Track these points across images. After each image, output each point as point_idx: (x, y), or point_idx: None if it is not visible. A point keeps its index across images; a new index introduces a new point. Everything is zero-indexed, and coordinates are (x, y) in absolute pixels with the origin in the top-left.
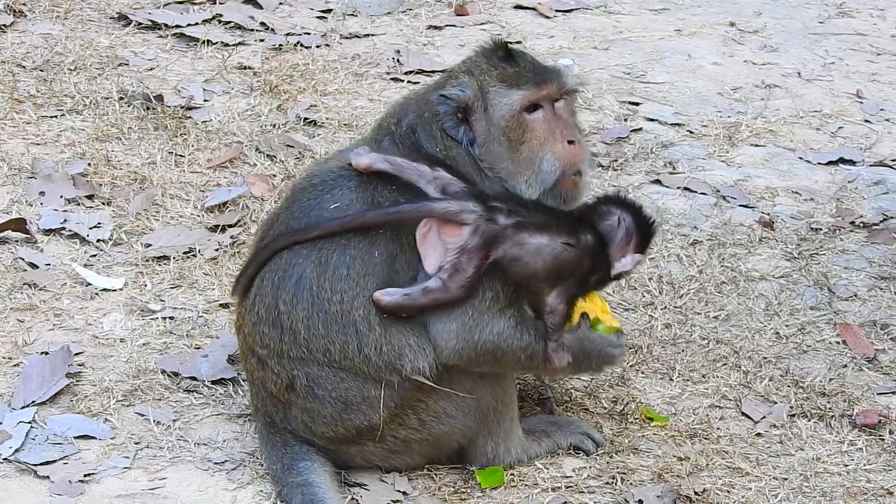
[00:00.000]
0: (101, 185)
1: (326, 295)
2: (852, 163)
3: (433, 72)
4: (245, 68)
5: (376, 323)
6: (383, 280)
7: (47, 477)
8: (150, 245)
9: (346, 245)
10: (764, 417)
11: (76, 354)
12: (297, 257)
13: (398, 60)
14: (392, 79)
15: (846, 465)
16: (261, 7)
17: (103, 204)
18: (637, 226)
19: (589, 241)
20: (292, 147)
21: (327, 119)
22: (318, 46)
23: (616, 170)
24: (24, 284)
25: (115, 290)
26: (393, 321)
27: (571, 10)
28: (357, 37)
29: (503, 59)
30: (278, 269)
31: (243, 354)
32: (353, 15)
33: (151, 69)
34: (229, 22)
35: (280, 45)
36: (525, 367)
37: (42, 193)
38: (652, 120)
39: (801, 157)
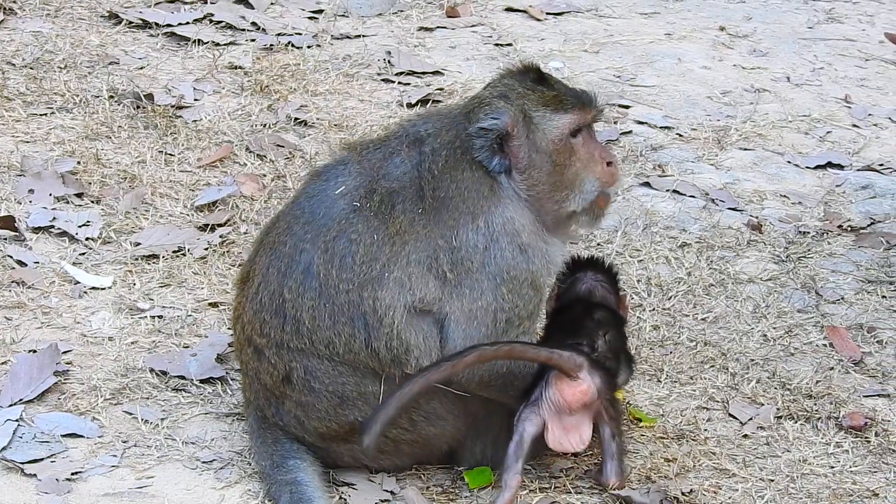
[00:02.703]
0: (90, 183)
1: (333, 283)
2: (840, 167)
3: (423, 73)
4: (236, 68)
5: (386, 316)
6: (387, 264)
7: (34, 475)
8: (139, 244)
9: (349, 232)
10: (751, 419)
11: (64, 352)
12: (304, 244)
13: (389, 61)
14: (383, 80)
15: (832, 467)
16: (252, 7)
17: (92, 202)
18: (608, 274)
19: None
20: (282, 147)
21: (318, 119)
22: (309, 47)
23: None
24: (12, 282)
25: (103, 289)
26: (407, 317)
27: (562, 12)
28: (348, 37)
29: (537, 82)
30: (284, 255)
31: (239, 345)
32: (344, 16)
33: (142, 68)
34: (220, 21)
35: (271, 45)
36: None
37: (31, 191)
38: (641, 123)
39: (789, 161)
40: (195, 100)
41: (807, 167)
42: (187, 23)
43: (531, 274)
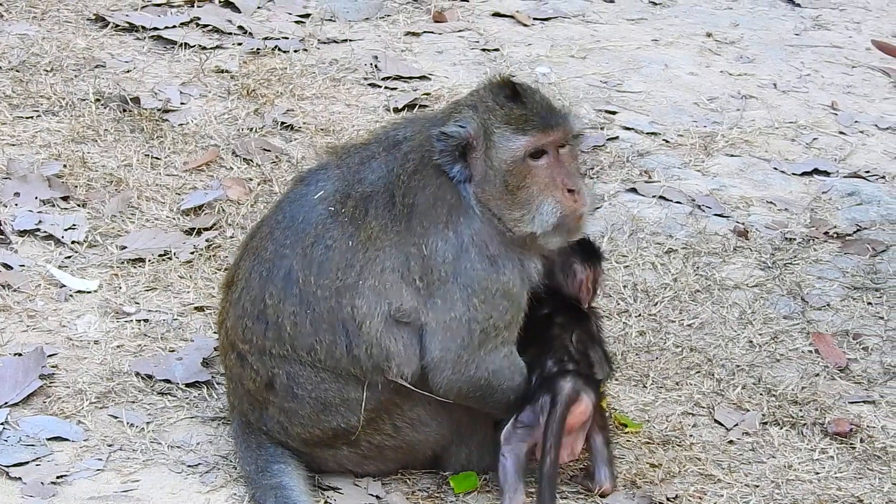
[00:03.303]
0: (76, 186)
1: (312, 290)
2: (826, 174)
3: (410, 78)
4: (222, 72)
5: (364, 324)
6: (362, 272)
7: (19, 478)
8: (125, 247)
9: (326, 237)
10: (736, 425)
11: (50, 356)
12: (284, 249)
13: (376, 66)
14: (369, 84)
15: (817, 473)
16: (239, 11)
17: (78, 205)
18: (571, 252)
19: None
20: (269, 151)
21: (304, 123)
22: (295, 51)
23: (592, 178)
24: None
25: (89, 292)
26: (385, 326)
27: (549, 18)
28: (335, 42)
29: (509, 98)
30: (266, 261)
31: (223, 350)
32: (331, 20)
33: (128, 71)
34: (207, 25)
35: (258, 49)
36: (514, 409)
37: (17, 194)
38: (628, 129)
39: (775, 168)
40: (182, 103)
41: (793, 174)
42: (174, 26)
43: (503, 284)
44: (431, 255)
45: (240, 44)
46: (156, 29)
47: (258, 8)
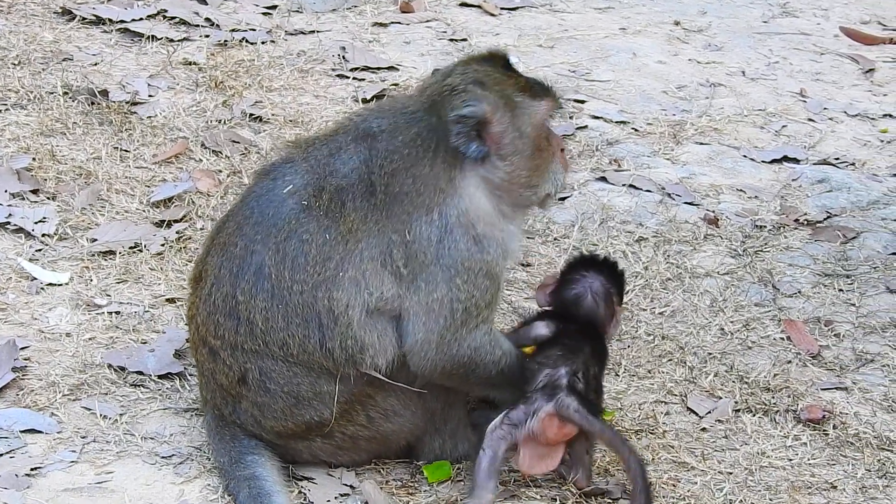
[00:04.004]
0: (45, 179)
1: (286, 285)
2: (796, 161)
3: (378, 69)
4: (190, 64)
5: (343, 316)
6: (341, 263)
7: None
8: (95, 240)
9: (300, 232)
10: (709, 412)
11: (22, 349)
12: (255, 244)
13: (343, 57)
14: (337, 75)
15: (790, 460)
16: (206, 3)
17: (48, 198)
18: (610, 283)
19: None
20: (238, 143)
21: (272, 115)
22: (263, 42)
23: None
24: None
25: (60, 285)
26: (363, 317)
27: (517, 7)
28: (302, 33)
29: (508, 68)
30: (236, 257)
31: (194, 345)
32: (298, 11)
33: (96, 64)
34: (174, 17)
35: (225, 40)
36: (494, 383)
37: None
38: (597, 118)
39: (745, 155)
40: (150, 96)
41: (763, 161)
42: (141, 19)
43: (486, 264)
44: (415, 240)
45: (207, 36)
46: (123, 21)
47: None
